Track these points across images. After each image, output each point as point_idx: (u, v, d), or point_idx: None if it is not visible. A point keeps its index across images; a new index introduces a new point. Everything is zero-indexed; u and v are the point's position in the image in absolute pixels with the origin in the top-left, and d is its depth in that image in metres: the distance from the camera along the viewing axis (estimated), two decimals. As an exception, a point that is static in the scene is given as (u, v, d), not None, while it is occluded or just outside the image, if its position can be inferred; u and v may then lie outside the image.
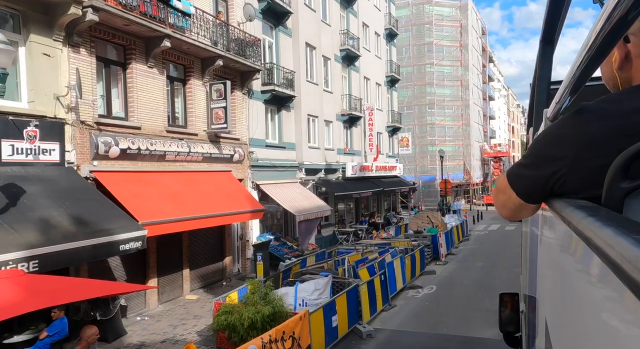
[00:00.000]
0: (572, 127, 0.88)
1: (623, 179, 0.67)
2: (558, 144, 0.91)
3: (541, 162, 0.96)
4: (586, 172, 0.84)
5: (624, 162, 0.67)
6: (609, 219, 0.54)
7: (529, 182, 1.02)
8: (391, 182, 30.80)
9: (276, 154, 18.90)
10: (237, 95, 16.22)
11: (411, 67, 48.79)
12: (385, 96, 32.37)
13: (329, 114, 23.68)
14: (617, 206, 0.67)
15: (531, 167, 1.00)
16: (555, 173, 0.92)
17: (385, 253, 14.49)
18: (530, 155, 1.03)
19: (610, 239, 0.46)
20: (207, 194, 13.30)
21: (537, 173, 0.97)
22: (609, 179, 0.69)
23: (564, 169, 0.89)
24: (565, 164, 0.89)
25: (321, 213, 18.82)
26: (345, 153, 25.93)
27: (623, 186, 0.67)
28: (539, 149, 0.99)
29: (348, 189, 23.91)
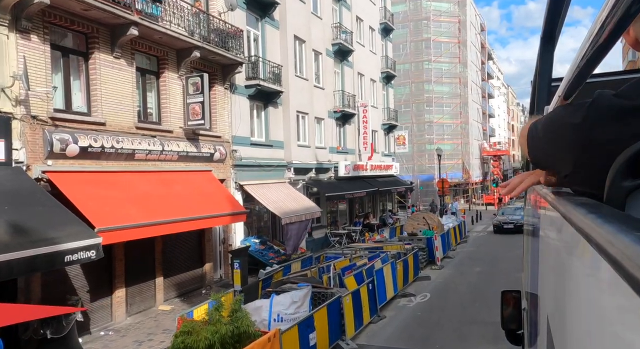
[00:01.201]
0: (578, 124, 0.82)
1: (625, 177, 0.66)
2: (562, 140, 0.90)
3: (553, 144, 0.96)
4: (588, 170, 0.82)
5: (626, 160, 0.66)
6: (611, 216, 0.54)
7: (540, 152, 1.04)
8: (387, 182, 29.79)
9: (262, 153, 17.90)
10: (218, 90, 15.21)
11: (408, 64, 47.78)
12: (380, 93, 31.36)
13: (320, 110, 22.67)
14: (619, 204, 0.66)
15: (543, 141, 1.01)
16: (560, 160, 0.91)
17: (376, 259, 13.49)
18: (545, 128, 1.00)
19: (612, 236, 0.45)
20: (182, 195, 12.30)
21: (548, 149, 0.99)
22: (611, 177, 0.68)
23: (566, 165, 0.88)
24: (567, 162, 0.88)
25: (310, 215, 17.81)
26: (338, 152, 24.92)
27: (625, 184, 0.66)
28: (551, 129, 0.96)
29: (341, 189, 22.90)
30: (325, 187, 21.82)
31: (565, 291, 0.78)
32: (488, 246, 22.86)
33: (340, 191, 22.54)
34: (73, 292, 9.78)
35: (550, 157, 0.99)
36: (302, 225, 17.37)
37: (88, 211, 8.94)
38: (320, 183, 22.13)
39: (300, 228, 17.24)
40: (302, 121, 20.74)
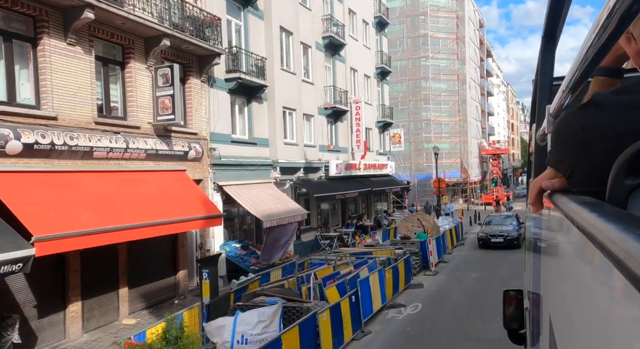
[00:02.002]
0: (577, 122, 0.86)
1: (627, 175, 0.66)
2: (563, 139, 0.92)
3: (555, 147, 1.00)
4: (589, 169, 0.83)
5: (628, 158, 0.66)
6: (613, 215, 0.54)
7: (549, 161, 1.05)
8: (381, 182, 28.67)
9: (245, 151, 16.78)
10: (193, 83, 14.09)
11: (405, 60, 46.62)
12: (375, 89, 30.23)
13: (310, 107, 21.54)
14: (621, 202, 0.66)
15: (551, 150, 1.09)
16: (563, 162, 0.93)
17: (363, 266, 12.37)
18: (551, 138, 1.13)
19: (614, 235, 0.45)
20: (149, 198, 11.19)
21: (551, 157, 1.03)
22: (613, 175, 0.68)
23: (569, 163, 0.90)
24: (569, 161, 0.89)
25: (296, 217, 16.69)
26: (330, 150, 23.80)
27: (627, 182, 0.66)
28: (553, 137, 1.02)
29: (331, 189, 21.78)
30: (314, 188, 20.70)
31: (568, 291, 0.79)
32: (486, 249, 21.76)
33: (330, 191, 21.42)
34: (13, 308, 8.65)
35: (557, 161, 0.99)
36: (287, 228, 16.25)
37: (26, 217, 7.83)
38: (309, 183, 21.01)
39: (285, 232, 16.12)
40: (289, 117, 19.62)
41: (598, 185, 0.75)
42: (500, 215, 24.98)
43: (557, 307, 0.97)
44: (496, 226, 22.02)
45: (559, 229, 0.94)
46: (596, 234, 0.52)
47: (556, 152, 0.97)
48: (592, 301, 0.55)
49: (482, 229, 22.49)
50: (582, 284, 0.63)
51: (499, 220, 23.27)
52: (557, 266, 1.00)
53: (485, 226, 22.91)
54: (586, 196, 0.79)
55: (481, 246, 21.38)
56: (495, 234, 21.05)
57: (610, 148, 0.72)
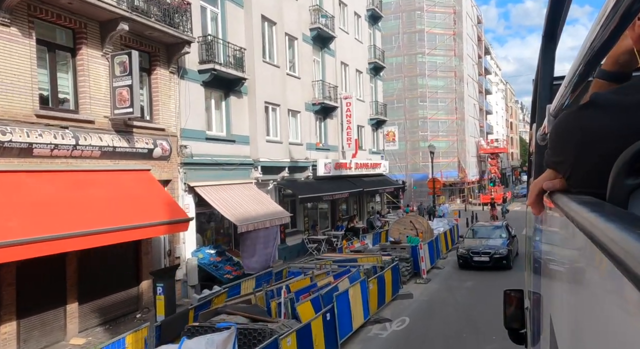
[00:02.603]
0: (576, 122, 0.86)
1: (628, 175, 0.66)
2: (562, 140, 0.92)
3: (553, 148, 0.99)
4: (590, 169, 0.83)
5: (629, 158, 0.66)
6: (613, 214, 0.54)
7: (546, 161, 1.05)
8: (374, 182, 27.43)
9: (222, 149, 15.52)
10: (161, 73, 12.83)
11: (401, 56, 45.39)
12: (367, 85, 28.97)
13: (296, 102, 20.28)
14: (622, 202, 0.66)
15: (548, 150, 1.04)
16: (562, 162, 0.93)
17: (344, 276, 11.11)
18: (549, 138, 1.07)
19: (614, 234, 0.46)
20: (102, 201, 9.93)
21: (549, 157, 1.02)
22: (613, 175, 0.68)
23: (568, 164, 0.90)
24: (569, 161, 0.89)
25: (277, 220, 15.43)
26: (318, 149, 22.54)
27: (628, 182, 0.66)
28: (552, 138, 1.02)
29: (319, 190, 20.52)
30: (300, 189, 19.45)
31: (569, 290, 0.79)
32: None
33: (318, 192, 20.16)
34: None
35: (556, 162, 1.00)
36: (269, 233, 15.00)
37: None
38: (295, 184, 19.75)
39: (267, 237, 14.87)
40: (272, 113, 18.36)
41: (598, 185, 0.76)
42: (487, 226, 19.96)
43: (558, 307, 0.97)
44: (481, 240, 17.64)
45: (559, 229, 0.95)
46: (597, 233, 0.51)
47: (555, 153, 0.98)
48: (593, 301, 0.55)
49: (464, 244, 17.73)
50: (583, 284, 0.64)
51: (485, 232, 18.65)
52: (557, 265, 1.01)
53: (468, 240, 18.24)
54: (587, 196, 0.79)
55: (462, 265, 16.81)
56: (478, 251, 16.58)
57: (610, 148, 0.72)
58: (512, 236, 18.05)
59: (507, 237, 17.62)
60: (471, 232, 19.27)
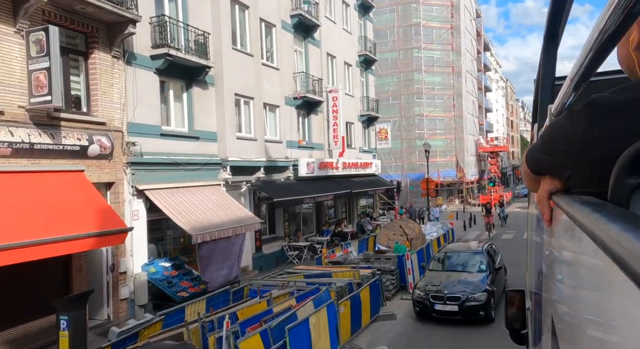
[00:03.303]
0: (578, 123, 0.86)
1: (630, 175, 0.66)
2: (562, 141, 0.92)
3: (550, 149, 1.00)
4: (591, 169, 0.83)
5: (630, 158, 0.66)
6: (615, 214, 0.54)
7: (538, 162, 1.09)
8: (365, 182, 25.57)
9: (183, 147, 13.68)
10: (100, 58, 10.98)
11: (396, 51, 43.51)
12: (358, 79, 27.13)
13: (274, 95, 18.44)
14: (623, 202, 0.66)
15: (541, 150, 1.05)
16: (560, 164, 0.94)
17: (310, 297, 9.24)
18: (542, 139, 1.07)
19: (616, 234, 0.46)
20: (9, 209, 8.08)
21: (544, 157, 1.03)
22: (615, 175, 0.68)
23: (568, 165, 0.90)
24: (569, 162, 0.89)
25: (244, 228, 13.58)
26: (301, 147, 20.70)
27: (630, 182, 0.66)
28: (549, 138, 1.02)
29: (300, 192, 18.66)
30: (277, 191, 17.59)
31: (570, 291, 0.79)
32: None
33: (298, 194, 18.30)
34: None
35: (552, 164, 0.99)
36: (233, 243, 13.15)
37: None
38: (272, 185, 17.90)
39: (230, 247, 13.02)
40: (244, 107, 16.51)
41: (599, 186, 0.76)
42: (461, 251, 13.36)
43: (560, 307, 0.96)
44: (449, 275, 11.85)
45: (561, 229, 0.95)
46: (599, 233, 0.52)
47: (552, 154, 0.98)
48: (595, 301, 0.55)
49: (423, 282, 11.69)
50: (585, 284, 0.64)
51: (456, 260, 12.70)
52: (559, 265, 1.01)
53: (431, 274, 12.21)
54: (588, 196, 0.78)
55: (419, 314, 11.10)
56: (443, 294, 10.75)
57: (611, 149, 0.72)
58: (495, 269, 12.18)
59: (488, 271, 11.68)
60: (436, 262, 12.93)
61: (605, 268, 0.48)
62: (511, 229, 27.06)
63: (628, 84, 0.85)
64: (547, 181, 1.03)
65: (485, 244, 13.71)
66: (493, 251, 13.40)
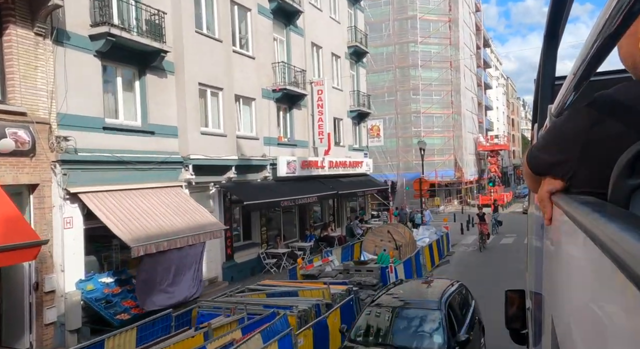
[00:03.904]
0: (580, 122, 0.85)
1: (630, 175, 0.66)
2: (565, 140, 0.91)
3: (551, 149, 1.00)
4: (592, 169, 0.82)
5: (630, 158, 0.66)
6: (615, 215, 0.54)
7: (539, 162, 1.08)
8: (354, 183, 23.76)
9: (133, 143, 11.90)
10: (18, 35, 9.19)
11: (391, 45, 41.69)
12: (347, 72, 25.30)
13: (249, 87, 16.64)
14: (623, 202, 0.66)
15: (542, 150, 1.06)
16: (562, 163, 0.93)
17: (261, 326, 7.42)
18: (544, 138, 1.08)
19: (616, 235, 0.46)
20: None
21: (546, 156, 1.03)
22: (615, 175, 0.69)
23: (570, 165, 0.89)
24: (571, 161, 0.88)
25: (204, 236, 11.77)
26: (281, 144, 18.90)
27: (630, 182, 0.66)
28: (550, 137, 1.03)
29: (278, 193, 16.86)
30: (250, 193, 15.78)
31: (570, 291, 0.79)
32: (476, 268, 16.85)
33: (275, 196, 16.49)
34: None
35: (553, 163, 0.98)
36: (187, 254, 11.33)
37: None
38: (245, 187, 16.10)
39: (184, 259, 11.21)
40: (212, 99, 14.71)
41: (600, 186, 0.75)
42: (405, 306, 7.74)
43: (559, 307, 0.97)
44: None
45: (561, 229, 0.96)
46: (598, 233, 0.52)
47: (553, 153, 0.97)
48: (594, 301, 0.56)
49: None
50: (584, 284, 0.64)
51: (395, 325, 7.31)
52: (559, 266, 1.01)
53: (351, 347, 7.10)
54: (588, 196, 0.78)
55: None
56: None
57: (614, 148, 0.72)
58: (459, 343, 6.89)
59: (446, 344, 6.71)
60: (364, 321, 7.59)
61: (604, 268, 0.48)
62: (511, 233, 25.23)
63: (630, 82, 0.86)
64: (548, 181, 1.03)
65: (451, 290, 8.12)
66: (461, 302, 8.18)
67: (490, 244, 21.49)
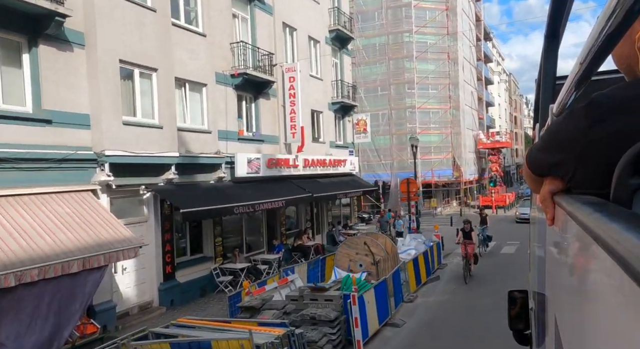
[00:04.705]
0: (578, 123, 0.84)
1: (632, 174, 0.65)
2: (564, 141, 0.90)
3: (551, 149, 0.98)
4: (594, 169, 0.82)
5: (633, 157, 0.66)
6: (617, 214, 0.54)
7: (539, 162, 1.07)
8: (335, 184, 20.93)
9: (19, 134, 9.10)
10: None
11: (384, 35, 38.81)
12: (328, 60, 22.49)
13: (198, 70, 13.84)
14: (626, 202, 0.66)
15: (542, 150, 1.04)
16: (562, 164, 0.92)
17: None
18: (543, 139, 1.06)
19: (618, 234, 0.46)
20: None
21: (546, 157, 1.01)
22: (617, 174, 0.68)
23: (570, 165, 0.89)
24: (571, 161, 0.88)
25: (105, 258, 8.94)
26: (243, 139, 16.11)
27: (632, 182, 0.65)
28: (550, 138, 1.01)
29: (233, 198, 14.02)
30: (195, 198, 12.95)
31: (573, 291, 0.78)
32: (473, 287, 14.00)
33: (226, 201, 13.64)
34: None
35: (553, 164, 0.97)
36: (76, 284, 8.50)
37: None
38: (190, 190, 13.28)
39: (70, 289, 8.37)
40: (141, 81, 11.91)
41: (602, 186, 0.75)
42: None
43: (563, 307, 0.96)
44: None
45: (563, 229, 0.95)
46: (601, 233, 0.51)
47: (553, 153, 0.96)
48: (598, 301, 0.55)
49: None
50: (588, 284, 0.63)
51: None
52: (562, 266, 1.00)
53: None
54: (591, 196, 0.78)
55: None
56: None
57: (615, 148, 0.71)
58: None
59: None
60: None
61: (607, 268, 0.48)
62: (513, 240, 22.36)
63: (630, 81, 0.85)
64: (549, 182, 1.03)
65: None
66: None
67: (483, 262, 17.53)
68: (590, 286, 0.62)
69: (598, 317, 0.55)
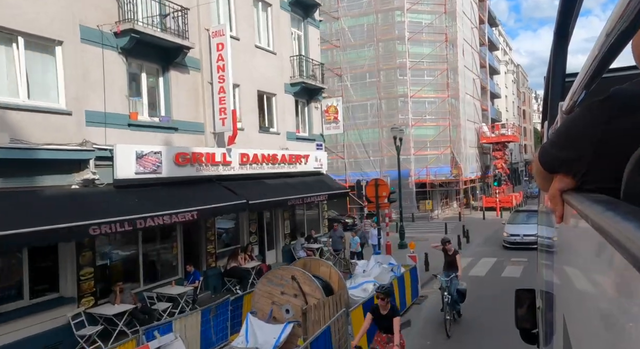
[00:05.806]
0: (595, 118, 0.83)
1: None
2: (579, 137, 0.89)
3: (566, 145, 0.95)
4: (605, 167, 0.82)
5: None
6: (628, 213, 0.53)
7: (551, 159, 1.04)
8: (291, 186, 16.25)
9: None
10: None
11: (372, 14, 33.98)
12: (286, 29, 17.82)
13: (43, 18, 9.19)
14: (637, 200, 0.64)
15: (554, 147, 1.02)
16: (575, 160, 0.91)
17: None
18: (556, 135, 1.04)
19: (630, 233, 0.45)
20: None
21: (558, 154, 0.99)
22: (628, 173, 0.68)
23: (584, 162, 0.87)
24: (585, 158, 0.87)
25: None
26: (139, 126, 11.47)
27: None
28: (565, 132, 0.99)
29: (94, 213, 9.36)
30: (24, 214, 8.29)
31: (582, 290, 0.77)
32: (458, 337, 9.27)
33: (81, 218, 8.95)
34: None
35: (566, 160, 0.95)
36: None
37: None
38: (16, 204, 8.63)
39: None
40: None
41: (614, 183, 0.74)
42: None
43: (571, 306, 0.95)
44: None
45: (572, 227, 0.93)
46: (612, 232, 0.51)
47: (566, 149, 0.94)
48: (607, 300, 0.55)
49: None
50: (597, 283, 0.63)
51: None
52: (570, 264, 0.99)
53: None
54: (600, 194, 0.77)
55: None
56: None
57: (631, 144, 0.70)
58: None
59: None
60: None
61: (618, 267, 0.47)
62: (520, 256, 17.58)
63: None
64: (559, 179, 1.01)
65: None
66: None
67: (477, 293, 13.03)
68: (599, 285, 0.60)
69: (608, 317, 0.53)
